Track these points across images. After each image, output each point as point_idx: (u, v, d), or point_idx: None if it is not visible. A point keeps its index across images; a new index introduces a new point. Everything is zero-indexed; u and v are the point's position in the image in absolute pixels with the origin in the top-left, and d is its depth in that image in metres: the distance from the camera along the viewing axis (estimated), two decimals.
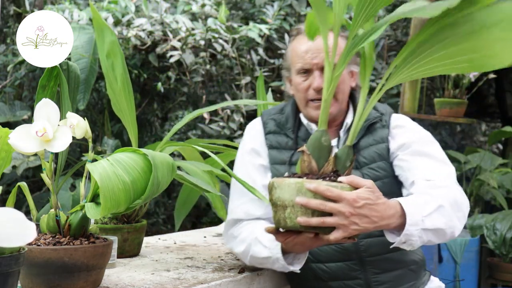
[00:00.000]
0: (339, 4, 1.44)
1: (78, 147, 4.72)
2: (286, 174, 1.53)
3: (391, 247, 1.57)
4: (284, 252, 1.64)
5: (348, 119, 1.87)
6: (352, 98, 1.92)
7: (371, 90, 1.54)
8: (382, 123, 1.85)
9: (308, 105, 1.85)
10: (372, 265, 1.77)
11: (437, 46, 1.33)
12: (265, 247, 1.68)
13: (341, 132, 1.87)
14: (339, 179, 1.45)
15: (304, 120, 1.89)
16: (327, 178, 1.45)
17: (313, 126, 1.87)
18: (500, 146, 6.77)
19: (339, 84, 1.77)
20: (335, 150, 1.55)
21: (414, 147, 1.79)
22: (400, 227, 1.52)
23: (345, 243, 1.49)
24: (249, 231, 1.78)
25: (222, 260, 2.02)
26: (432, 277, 1.93)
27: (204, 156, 2.19)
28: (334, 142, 1.85)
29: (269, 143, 1.89)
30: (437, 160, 1.79)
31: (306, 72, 1.84)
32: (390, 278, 1.78)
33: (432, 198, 1.60)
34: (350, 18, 1.53)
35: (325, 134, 1.49)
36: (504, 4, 1.22)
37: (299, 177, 1.46)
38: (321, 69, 1.80)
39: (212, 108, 2.34)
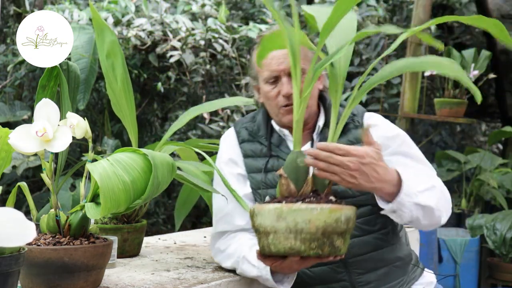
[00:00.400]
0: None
1: (78, 147, 4.72)
2: (267, 198, 1.54)
3: (381, 212, 1.60)
4: (273, 271, 1.65)
5: (320, 122, 1.88)
6: (322, 99, 1.92)
7: (371, 91, 1.55)
8: (354, 123, 1.85)
9: (280, 111, 1.84)
10: (355, 266, 1.77)
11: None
12: (253, 266, 1.69)
13: (314, 135, 1.87)
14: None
15: (276, 127, 1.89)
16: (307, 200, 1.45)
17: (285, 131, 1.87)
18: (500, 146, 6.77)
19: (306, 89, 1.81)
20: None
21: (394, 147, 1.79)
22: (391, 196, 1.56)
23: (331, 260, 1.50)
24: (236, 247, 1.79)
25: None
26: (425, 272, 1.92)
27: (202, 156, 2.19)
28: (307, 146, 1.86)
29: (244, 152, 1.89)
30: (420, 161, 1.81)
31: (274, 79, 1.84)
32: (375, 277, 1.78)
33: (426, 180, 1.67)
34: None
35: (301, 155, 1.50)
36: None
37: (279, 201, 1.47)
38: (289, 75, 1.79)
39: (210, 108, 2.34)
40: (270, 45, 1.61)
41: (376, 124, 1.84)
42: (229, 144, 1.94)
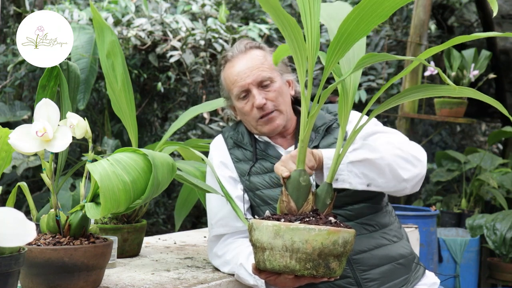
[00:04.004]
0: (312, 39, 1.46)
1: (78, 147, 4.72)
2: (267, 212, 1.55)
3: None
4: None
5: None
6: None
7: (371, 90, 1.56)
8: (337, 122, 1.91)
9: (258, 123, 1.90)
10: (359, 263, 1.79)
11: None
12: (250, 275, 1.72)
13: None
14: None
15: (257, 136, 1.95)
16: (306, 219, 1.46)
17: (265, 138, 1.93)
18: (500, 146, 6.77)
19: (278, 97, 1.87)
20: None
21: (361, 133, 1.84)
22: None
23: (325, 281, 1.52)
24: (233, 254, 1.81)
25: None
26: (427, 272, 1.93)
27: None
28: (291, 149, 1.90)
29: (234, 157, 1.94)
30: (385, 131, 1.86)
31: (245, 94, 1.89)
32: (380, 275, 1.79)
33: (357, 141, 1.72)
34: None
35: (304, 174, 1.51)
36: None
37: (278, 218, 1.48)
38: (258, 85, 1.87)
39: (209, 107, 2.35)
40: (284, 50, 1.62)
41: (350, 121, 1.89)
42: (219, 149, 1.98)
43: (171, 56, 4.36)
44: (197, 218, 5.07)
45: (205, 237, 2.52)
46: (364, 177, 1.64)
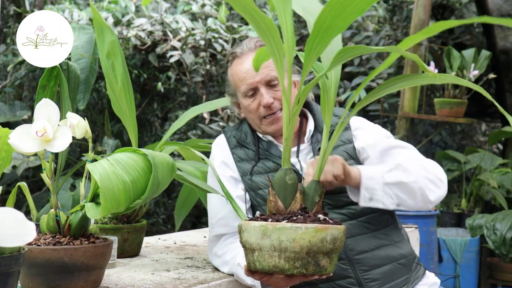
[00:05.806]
0: (288, 37, 1.45)
1: (78, 147, 4.72)
2: (257, 213, 1.54)
3: (361, 204, 1.65)
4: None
5: (310, 127, 1.93)
6: (309, 105, 1.98)
7: (370, 89, 1.56)
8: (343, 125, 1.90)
9: (262, 122, 1.90)
10: (361, 263, 1.80)
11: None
12: (247, 276, 1.70)
13: (305, 139, 1.92)
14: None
15: (260, 134, 1.95)
16: (294, 218, 1.45)
17: (269, 137, 1.93)
18: (500, 146, 6.77)
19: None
20: (303, 161, 1.58)
21: (379, 146, 1.86)
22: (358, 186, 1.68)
23: (317, 279, 1.52)
24: (233, 254, 1.81)
25: None
26: (427, 272, 1.94)
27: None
28: (293, 149, 1.89)
29: (236, 157, 1.94)
30: (403, 147, 1.88)
31: (253, 92, 1.88)
32: (381, 275, 1.80)
33: (391, 162, 1.76)
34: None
35: (290, 173, 1.51)
36: None
37: (265, 219, 1.47)
38: (266, 84, 1.86)
39: (209, 107, 2.35)
40: (265, 54, 1.61)
41: (362, 127, 1.94)
42: (221, 148, 1.98)
43: (171, 56, 4.36)
44: (197, 218, 5.07)
45: (205, 237, 2.52)
46: (397, 198, 1.70)
